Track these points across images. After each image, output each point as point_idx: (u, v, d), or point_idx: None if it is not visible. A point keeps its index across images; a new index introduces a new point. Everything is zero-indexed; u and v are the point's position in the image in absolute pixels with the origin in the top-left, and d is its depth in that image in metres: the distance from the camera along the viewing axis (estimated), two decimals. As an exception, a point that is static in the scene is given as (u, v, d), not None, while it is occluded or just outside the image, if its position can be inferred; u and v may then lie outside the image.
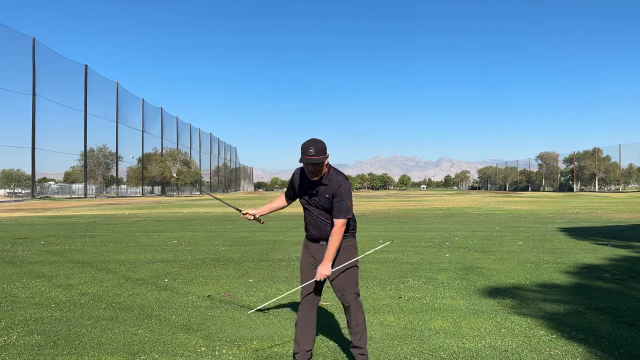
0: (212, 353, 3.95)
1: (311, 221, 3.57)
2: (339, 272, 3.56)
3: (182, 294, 6.02)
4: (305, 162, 3.32)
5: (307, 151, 3.28)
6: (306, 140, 3.36)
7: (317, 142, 3.31)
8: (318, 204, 3.50)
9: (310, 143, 3.30)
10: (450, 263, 8.12)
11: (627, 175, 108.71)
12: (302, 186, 3.56)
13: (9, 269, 7.82)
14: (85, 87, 59.02)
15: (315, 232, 3.58)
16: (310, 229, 3.61)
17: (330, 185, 3.45)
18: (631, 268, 7.58)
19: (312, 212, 3.55)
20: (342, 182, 3.44)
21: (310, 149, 3.27)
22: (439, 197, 60.41)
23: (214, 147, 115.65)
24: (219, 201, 5.22)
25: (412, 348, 4.04)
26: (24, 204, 38.37)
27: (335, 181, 3.45)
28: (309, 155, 3.27)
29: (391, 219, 19.21)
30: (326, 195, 3.45)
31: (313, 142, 3.31)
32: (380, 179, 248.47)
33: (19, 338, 4.34)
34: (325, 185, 3.45)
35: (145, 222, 18.57)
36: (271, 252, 9.65)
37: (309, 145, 3.29)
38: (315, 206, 3.52)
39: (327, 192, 3.45)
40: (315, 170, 3.36)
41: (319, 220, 3.54)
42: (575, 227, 14.97)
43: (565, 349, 3.99)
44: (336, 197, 3.41)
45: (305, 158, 3.29)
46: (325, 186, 3.45)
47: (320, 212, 3.53)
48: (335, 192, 3.42)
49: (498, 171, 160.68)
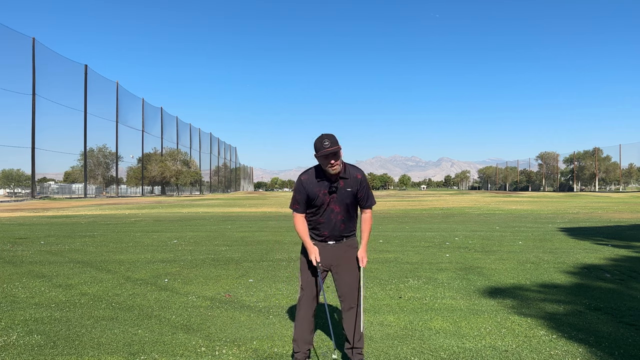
0: (212, 353, 3.95)
1: (326, 220, 3.49)
2: (349, 272, 3.57)
3: (182, 294, 6.02)
4: (324, 155, 3.27)
5: (322, 144, 3.26)
6: (317, 138, 3.35)
7: (328, 135, 3.33)
8: (340, 200, 3.45)
9: (322, 137, 3.31)
10: (450, 263, 8.12)
11: (627, 175, 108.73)
12: (318, 187, 3.44)
13: (9, 269, 7.81)
14: (85, 87, 59.09)
15: (328, 231, 3.51)
16: (321, 229, 3.53)
17: (350, 178, 3.45)
18: (631, 268, 7.58)
19: (332, 210, 3.47)
20: (361, 173, 3.52)
21: (324, 141, 3.27)
22: (439, 197, 60.40)
23: (214, 147, 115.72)
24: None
25: (412, 348, 4.04)
26: (23, 204, 38.37)
27: (354, 174, 3.48)
28: (326, 148, 3.25)
29: (391, 219, 19.20)
30: (348, 189, 3.44)
31: (325, 135, 3.32)
32: (381, 179, 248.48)
33: (19, 338, 4.34)
34: (345, 179, 3.44)
35: (145, 222, 18.57)
36: (271, 252, 9.65)
37: (322, 139, 3.29)
38: (337, 203, 3.46)
39: (348, 186, 3.45)
40: (335, 161, 3.31)
41: (336, 219, 3.49)
42: (575, 227, 14.96)
43: (566, 349, 3.99)
44: (361, 190, 3.48)
45: (324, 151, 3.25)
46: (345, 180, 3.44)
47: (340, 209, 3.47)
48: (359, 183, 3.47)
49: (498, 171, 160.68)
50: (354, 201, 3.51)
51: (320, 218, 3.51)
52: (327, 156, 3.28)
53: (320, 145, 3.27)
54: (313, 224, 3.57)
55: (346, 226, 3.56)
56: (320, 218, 3.51)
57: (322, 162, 3.34)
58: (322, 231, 3.53)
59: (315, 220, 3.54)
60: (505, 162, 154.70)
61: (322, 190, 3.44)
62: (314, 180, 3.44)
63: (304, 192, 3.46)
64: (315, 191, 3.44)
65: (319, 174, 3.45)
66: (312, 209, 3.52)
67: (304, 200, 3.49)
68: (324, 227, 3.51)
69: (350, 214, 3.56)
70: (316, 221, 3.54)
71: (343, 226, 3.53)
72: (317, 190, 3.44)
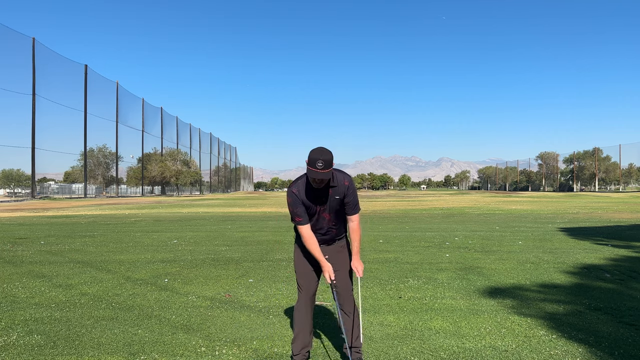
0: (212, 353, 3.95)
1: (320, 227, 3.56)
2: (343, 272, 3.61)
3: (182, 294, 6.02)
4: (313, 176, 3.27)
5: (316, 164, 3.24)
6: (315, 150, 3.30)
7: (325, 154, 3.26)
8: (331, 207, 3.51)
9: (318, 155, 3.25)
10: (450, 263, 8.12)
11: (627, 175, 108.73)
12: (312, 197, 3.47)
13: (9, 269, 7.81)
14: (85, 87, 59.09)
15: (321, 236, 3.59)
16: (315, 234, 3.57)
17: (338, 186, 3.49)
18: (631, 268, 7.58)
19: (324, 219, 3.54)
20: (348, 179, 3.54)
21: (319, 162, 3.22)
22: (439, 197, 60.41)
23: (214, 147, 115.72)
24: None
25: (412, 348, 4.04)
26: (23, 204, 38.37)
27: (341, 181, 3.50)
28: (318, 169, 3.24)
29: (391, 219, 19.21)
30: (336, 197, 3.49)
31: (321, 154, 3.26)
32: (380, 179, 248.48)
33: (19, 338, 4.34)
34: (334, 187, 3.48)
35: (145, 222, 18.57)
36: (271, 252, 9.65)
37: (317, 158, 3.24)
38: (329, 211, 3.53)
39: (337, 194, 3.49)
40: (321, 183, 3.34)
41: (328, 226, 3.57)
42: (575, 227, 14.96)
43: (565, 349, 3.99)
44: (348, 196, 3.51)
45: (315, 172, 3.25)
46: (334, 188, 3.48)
47: (332, 216, 3.55)
48: (345, 191, 3.50)
49: (498, 171, 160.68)
50: (343, 208, 3.57)
51: (315, 224, 3.57)
52: (314, 178, 3.28)
53: (313, 164, 3.25)
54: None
55: (338, 231, 3.65)
56: (315, 224, 3.57)
57: (309, 174, 3.33)
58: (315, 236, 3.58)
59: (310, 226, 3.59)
60: (505, 162, 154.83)
61: (318, 199, 3.50)
62: (309, 189, 3.47)
63: (300, 202, 3.46)
64: (311, 201, 3.48)
65: (308, 184, 3.46)
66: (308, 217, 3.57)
67: (304, 210, 3.48)
68: (318, 232, 3.59)
69: (340, 219, 3.64)
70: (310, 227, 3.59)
71: (335, 231, 3.64)
72: (313, 200, 3.49)
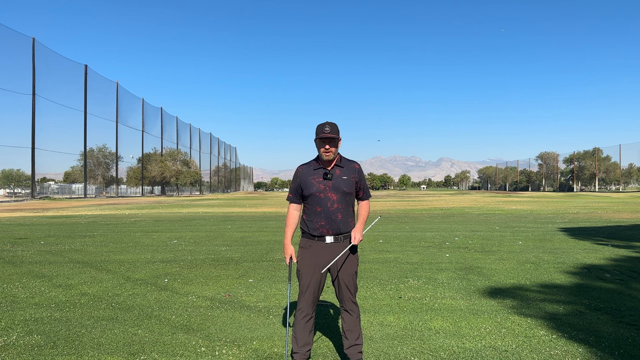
0: (212, 353, 3.95)
1: (323, 212, 3.47)
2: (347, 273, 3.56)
3: (182, 294, 6.02)
4: (322, 138, 3.42)
5: (323, 129, 3.43)
6: (320, 123, 3.50)
7: (332, 123, 3.48)
8: (336, 187, 3.48)
9: (325, 123, 3.47)
10: (450, 263, 8.12)
11: (627, 175, 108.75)
12: (314, 176, 3.51)
13: (9, 269, 7.82)
14: (85, 87, 59.12)
15: (324, 224, 3.48)
16: (316, 222, 3.49)
17: (346, 167, 3.56)
18: (631, 268, 7.58)
19: (329, 198, 3.47)
20: (358, 164, 3.65)
21: (326, 127, 3.43)
22: (439, 197, 60.41)
23: (214, 147, 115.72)
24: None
25: (412, 348, 4.04)
26: (23, 204, 38.37)
27: (351, 164, 3.61)
28: (325, 133, 3.41)
29: (391, 219, 19.21)
30: (344, 177, 3.52)
31: (328, 122, 3.48)
32: (380, 179, 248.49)
33: (19, 338, 4.33)
34: (341, 167, 3.55)
35: (145, 222, 18.57)
36: (271, 252, 9.65)
37: (324, 124, 3.45)
38: (333, 191, 3.47)
39: (345, 174, 3.54)
40: (331, 148, 3.44)
41: (332, 209, 3.47)
42: (575, 227, 14.97)
43: (566, 349, 3.99)
44: (360, 180, 3.61)
45: (322, 134, 3.41)
46: (341, 168, 3.55)
47: (337, 198, 3.48)
48: (357, 172, 3.59)
49: (498, 171, 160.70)
50: (350, 190, 3.53)
51: (316, 207, 3.49)
52: (324, 140, 3.43)
53: (320, 129, 3.44)
54: (310, 215, 3.54)
55: (343, 217, 3.51)
56: (316, 207, 3.49)
57: (318, 146, 3.49)
58: (319, 221, 3.49)
59: (312, 209, 3.52)
60: (505, 162, 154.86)
61: (317, 178, 3.50)
62: (309, 169, 3.56)
63: (297, 180, 3.58)
64: (309, 179, 3.52)
65: (316, 163, 3.58)
66: (309, 198, 3.53)
67: (296, 189, 3.60)
68: (321, 216, 3.48)
69: (348, 204, 3.55)
70: (313, 211, 3.52)
71: (340, 216, 3.49)
72: (312, 178, 3.51)
